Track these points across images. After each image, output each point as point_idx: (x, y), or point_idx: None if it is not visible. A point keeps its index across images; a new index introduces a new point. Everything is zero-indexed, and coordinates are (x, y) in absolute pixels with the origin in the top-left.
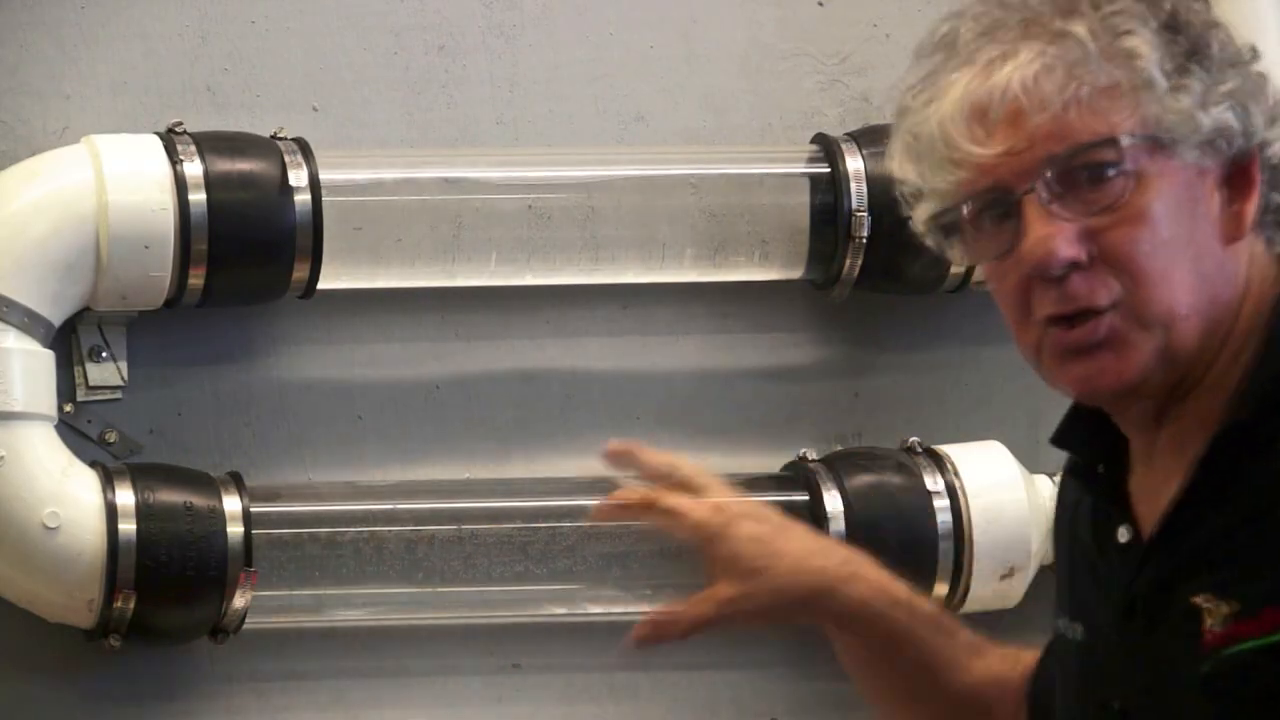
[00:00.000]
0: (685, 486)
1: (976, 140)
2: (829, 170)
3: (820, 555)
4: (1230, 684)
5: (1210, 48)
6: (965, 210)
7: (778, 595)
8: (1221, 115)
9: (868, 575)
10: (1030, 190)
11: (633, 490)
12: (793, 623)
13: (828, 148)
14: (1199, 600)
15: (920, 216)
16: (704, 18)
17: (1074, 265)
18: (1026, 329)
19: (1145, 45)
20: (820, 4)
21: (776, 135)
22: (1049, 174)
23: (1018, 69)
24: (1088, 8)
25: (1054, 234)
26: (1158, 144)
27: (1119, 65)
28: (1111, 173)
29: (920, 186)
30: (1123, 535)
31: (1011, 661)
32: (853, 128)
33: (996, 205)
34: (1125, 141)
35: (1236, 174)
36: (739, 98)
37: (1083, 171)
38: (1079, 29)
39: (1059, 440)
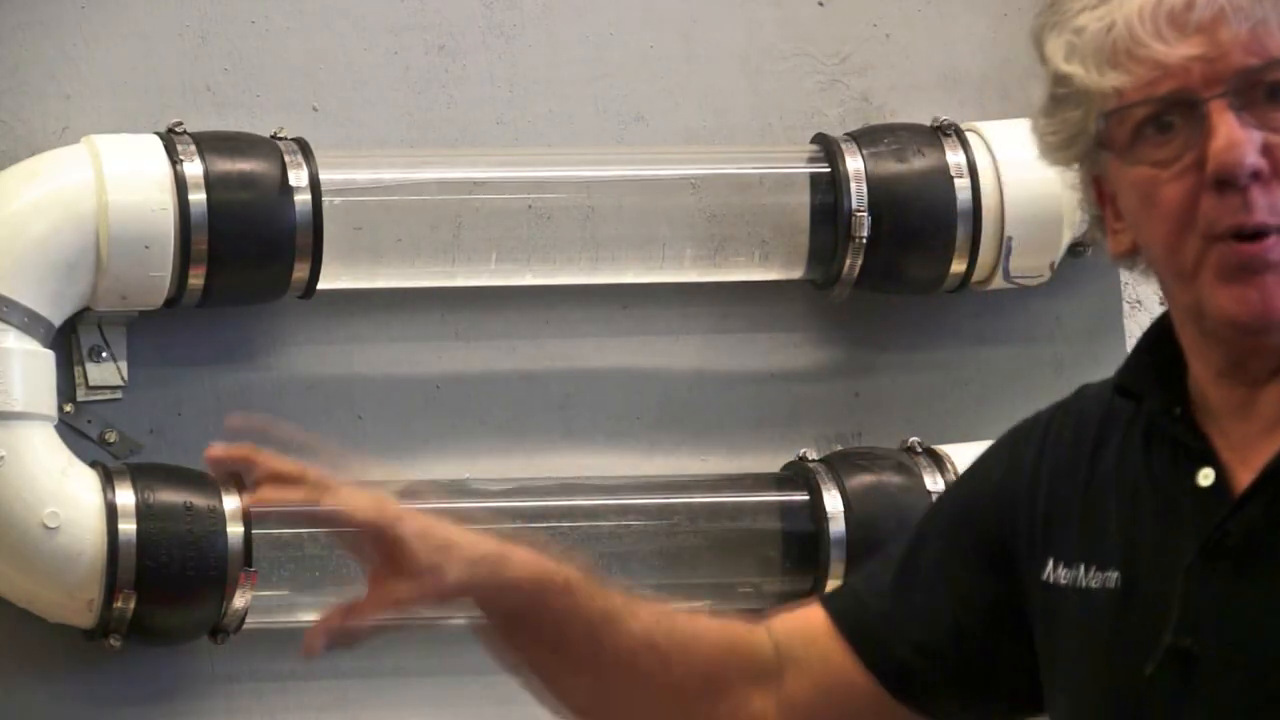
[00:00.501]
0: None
1: (1168, 41)
2: (829, 170)
3: (478, 542)
4: None
5: None
6: (1137, 112)
7: (458, 586)
8: None
9: (522, 551)
10: (1223, 94)
11: (287, 466)
12: (468, 600)
13: (828, 148)
14: None
15: (1071, 119)
16: (704, 18)
17: (1256, 176)
18: (1184, 243)
19: None
20: (820, 4)
21: (776, 135)
22: (1239, 83)
23: None
24: None
25: (1244, 139)
26: None
27: None
28: None
29: (1079, 87)
30: (1204, 478)
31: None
32: (853, 128)
33: (1176, 109)
34: None
35: None
36: (739, 98)
37: (1269, 87)
38: None
39: (1126, 386)
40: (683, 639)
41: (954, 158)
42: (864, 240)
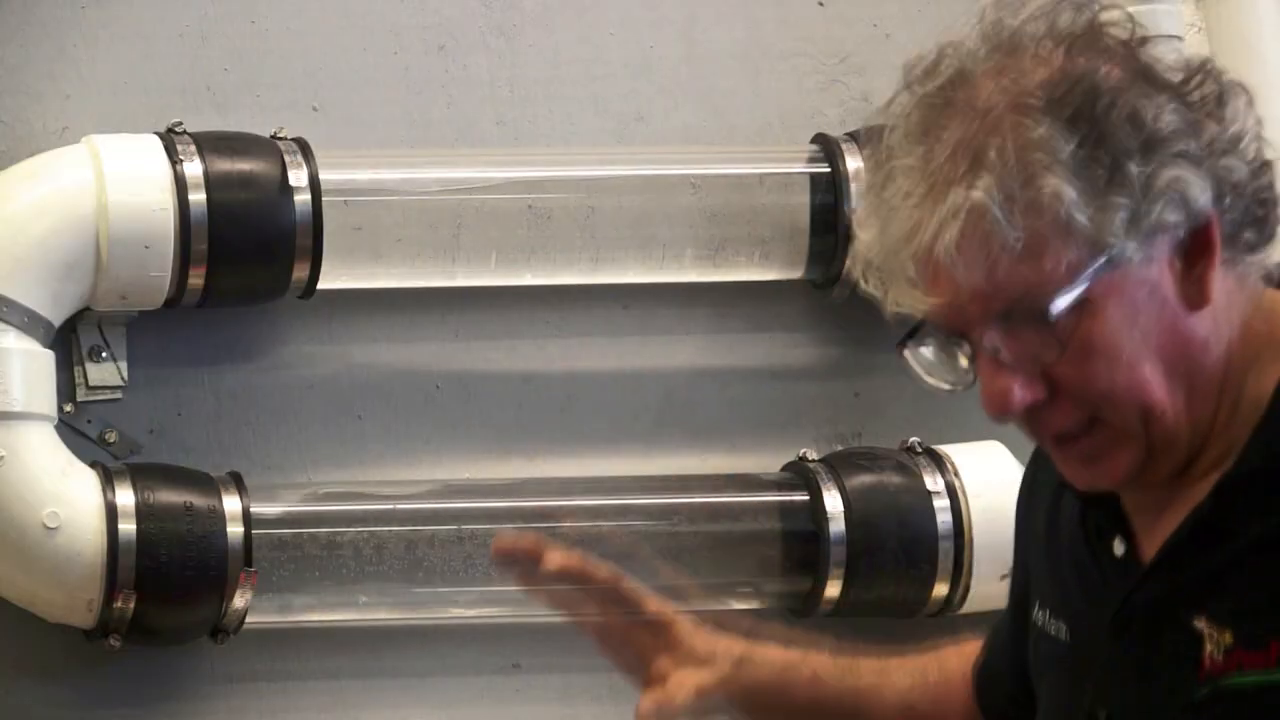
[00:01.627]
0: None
1: (918, 285)
2: (829, 170)
3: (731, 642)
4: (1225, 713)
5: (1133, 154)
6: (929, 335)
7: (734, 678)
8: (1159, 217)
9: (768, 649)
10: (976, 339)
11: (573, 559)
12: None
13: (828, 148)
14: (1201, 625)
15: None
16: (704, 18)
17: (1035, 404)
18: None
19: (1062, 184)
20: (820, 4)
21: (776, 135)
22: (991, 327)
23: (937, 237)
24: (998, 147)
25: (1008, 384)
26: (1092, 276)
27: (1038, 216)
28: (1047, 324)
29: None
30: (1118, 548)
31: (932, 665)
32: (853, 128)
33: (953, 342)
34: (1055, 306)
35: (1193, 245)
36: (739, 98)
37: (1024, 320)
38: (984, 193)
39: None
40: (936, 695)
41: None
42: None
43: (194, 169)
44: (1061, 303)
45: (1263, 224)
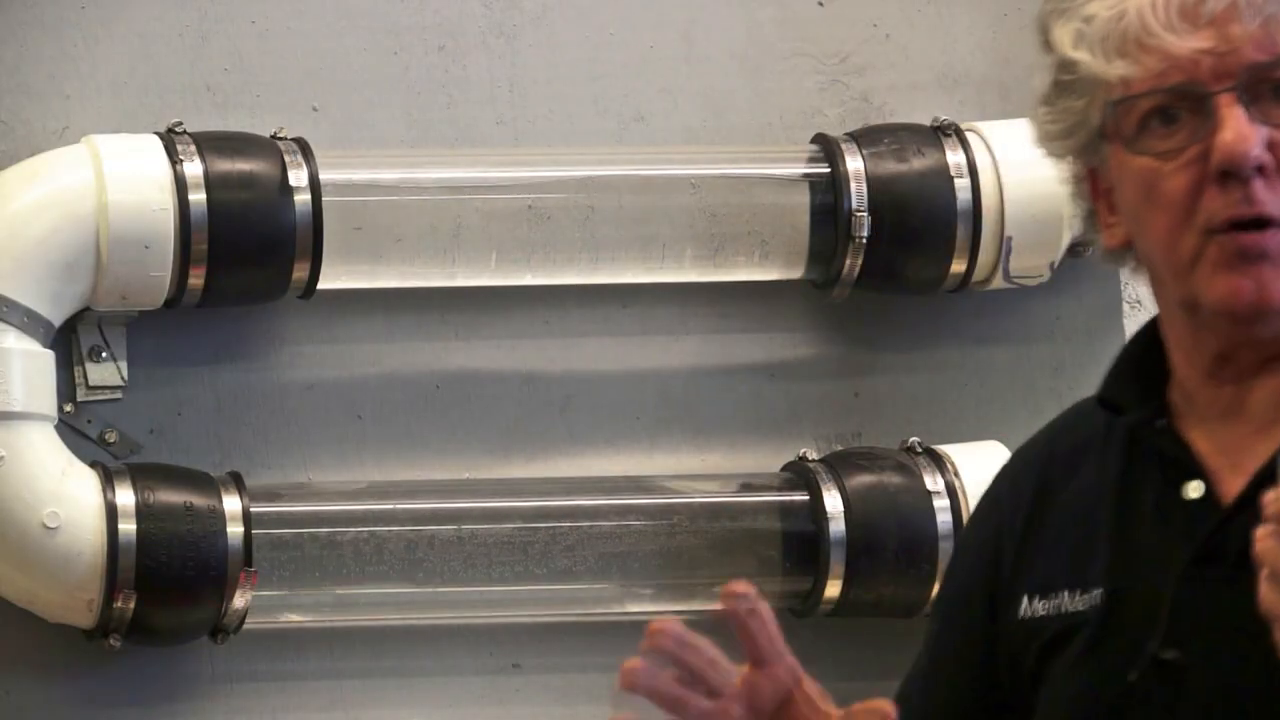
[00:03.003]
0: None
1: (1178, 33)
2: (829, 170)
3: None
4: None
5: None
6: (1145, 102)
7: None
8: None
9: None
10: (1231, 89)
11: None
12: None
13: (828, 148)
14: None
15: (1073, 108)
16: (704, 18)
17: (1260, 170)
18: (1183, 236)
19: None
20: (820, 4)
21: (776, 135)
22: (1248, 79)
23: None
24: None
25: (1250, 132)
26: None
27: None
28: None
29: (1085, 74)
30: (1193, 490)
31: None
32: (853, 128)
33: (1183, 102)
34: None
35: None
36: (739, 98)
37: (1276, 84)
38: None
39: (1107, 398)
40: None
41: (954, 158)
42: (864, 240)
43: (194, 169)
44: None
45: None
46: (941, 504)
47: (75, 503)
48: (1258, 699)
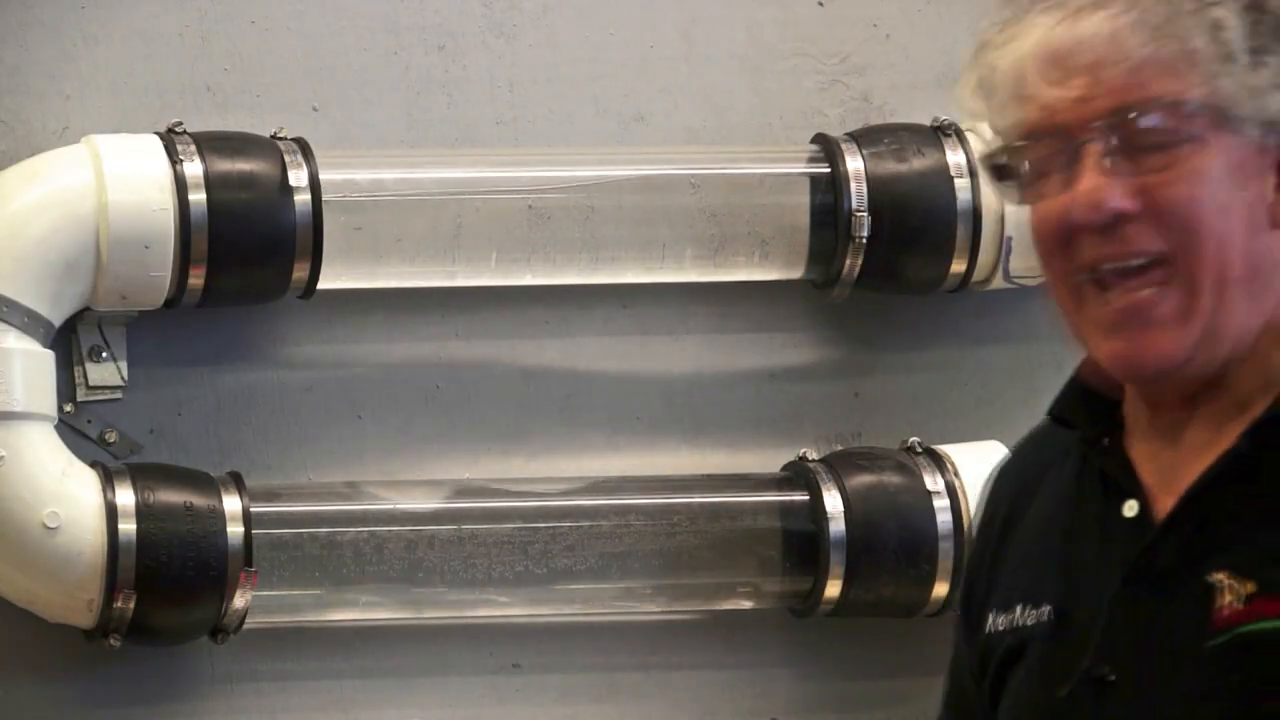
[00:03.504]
0: None
1: (1050, 82)
2: (829, 170)
3: None
4: (1243, 659)
5: None
6: (1025, 149)
7: None
8: None
9: None
10: (1093, 139)
11: None
12: None
13: (828, 148)
14: (1217, 578)
15: (981, 152)
16: (704, 18)
17: (1123, 216)
18: (1064, 281)
19: (1232, 17)
20: (820, 4)
21: (776, 135)
22: (1112, 126)
23: (1108, 20)
24: None
25: (1106, 185)
26: (1224, 116)
27: (1203, 33)
28: (1172, 135)
29: (987, 122)
30: (1130, 510)
31: None
32: (853, 128)
33: (1057, 149)
34: (1193, 106)
35: None
36: (739, 98)
37: (1146, 129)
38: None
39: (1059, 413)
40: None
41: (954, 157)
42: (864, 240)
43: (194, 169)
44: (1191, 107)
45: None
46: (941, 504)
47: (75, 503)
48: (1183, 717)
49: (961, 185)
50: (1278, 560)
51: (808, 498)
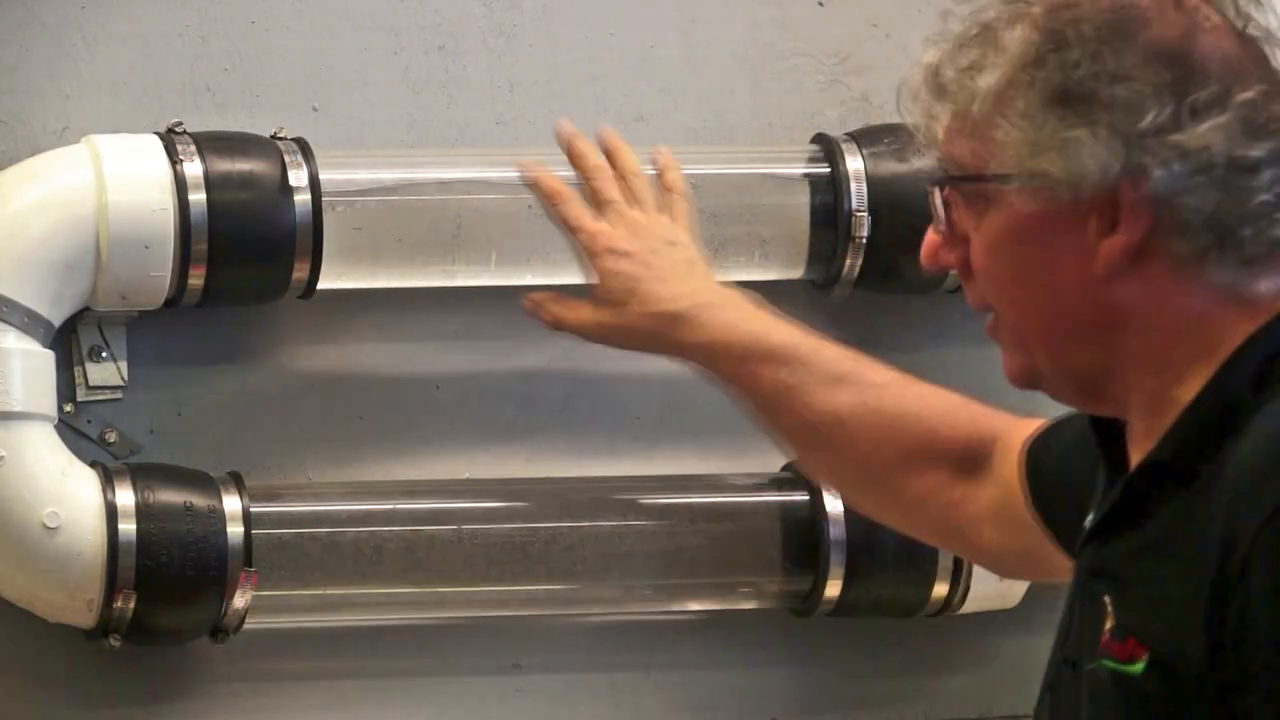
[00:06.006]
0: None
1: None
2: (829, 170)
3: (678, 292)
4: (1095, 689)
5: (1096, 93)
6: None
7: (629, 331)
8: (1093, 153)
9: (722, 309)
10: (932, 185)
11: (549, 179)
12: (654, 352)
13: (828, 148)
14: (1106, 600)
15: None
16: (704, 18)
17: (956, 268)
18: None
19: (1011, 88)
20: (820, 4)
21: (776, 135)
22: (936, 185)
23: (931, 71)
24: (1009, 39)
25: (931, 242)
26: (1024, 174)
27: (982, 100)
28: (972, 196)
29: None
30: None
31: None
32: (853, 128)
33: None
34: (988, 169)
35: (1110, 209)
36: (739, 98)
37: (955, 183)
38: (993, 75)
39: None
40: (893, 414)
41: None
42: (864, 240)
43: (194, 169)
44: (990, 177)
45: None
46: None
47: (75, 503)
48: (1106, 712)
49: None
50: (1126, 605)
51: (808, 498)
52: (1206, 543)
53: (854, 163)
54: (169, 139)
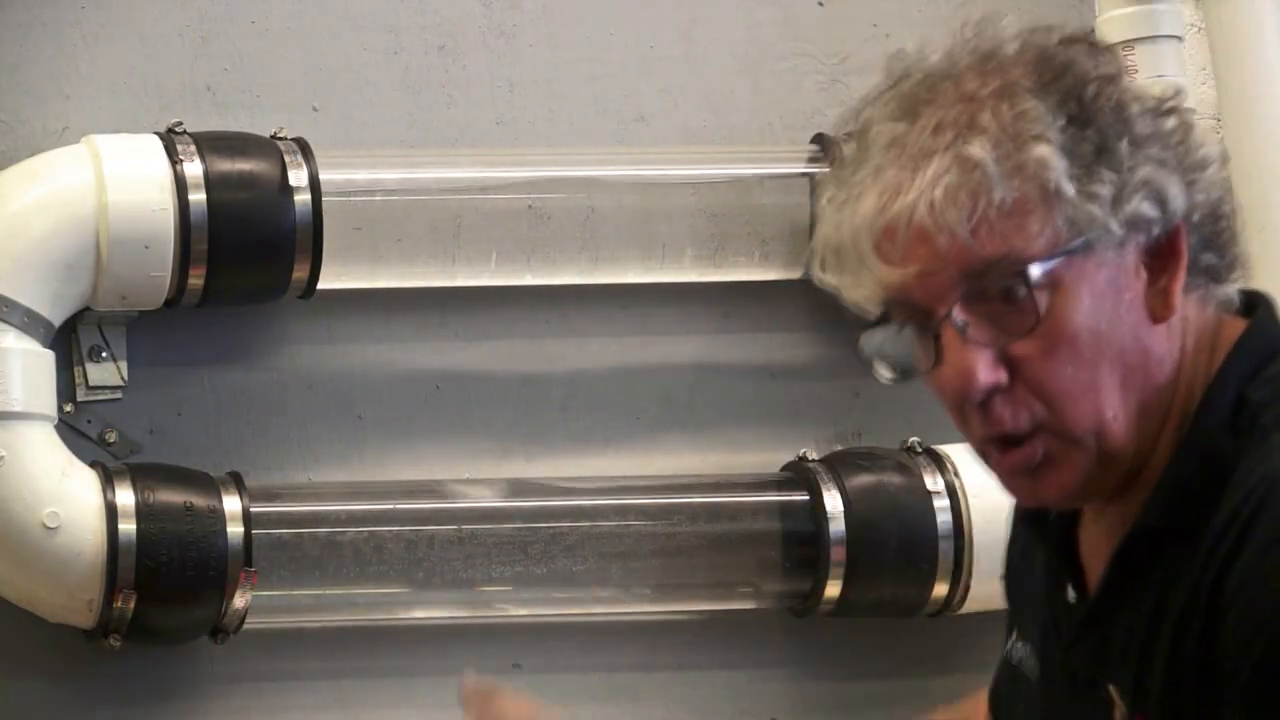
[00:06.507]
0: None
1: (889, 260)
2: (829, 170)
3: None
4: None
5: (1121, 137)
6: (892, 313)
7: None
8: (1137, 208)
9: None
10: (946, 316)
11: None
12: None
13: (828, 148)
14: (1112, 690)
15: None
16: (704, 18)
17: (995, 388)
18: (969, 433)
19: (1052, 153)
20: (820, 4)
21: (776, 135)
22: (962, 297)
23: (921, 194)
24: (990, 115)
25: (972, 362)
26: (1070, 253)
27: (1026, 179)
28: (1023, 292)
29: (843, 295)
30: (1071, 595)
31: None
32: (852, 128)
33: (916, 323)
34: (1034, 270)
35: (1161, 252)
36: (739, 98)
37: (995, 292)
38: (979, 148)
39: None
40: None
41: None
42: None
43: (194, 169)
44: (1039, 269)
45: (1223, 252)
46: (941, 504)
47: (75, 503)
48: None
49: None
50: (1140, 678)
51: (808, 498)
52: (1195, 594)
53: None
54: (169, 139)
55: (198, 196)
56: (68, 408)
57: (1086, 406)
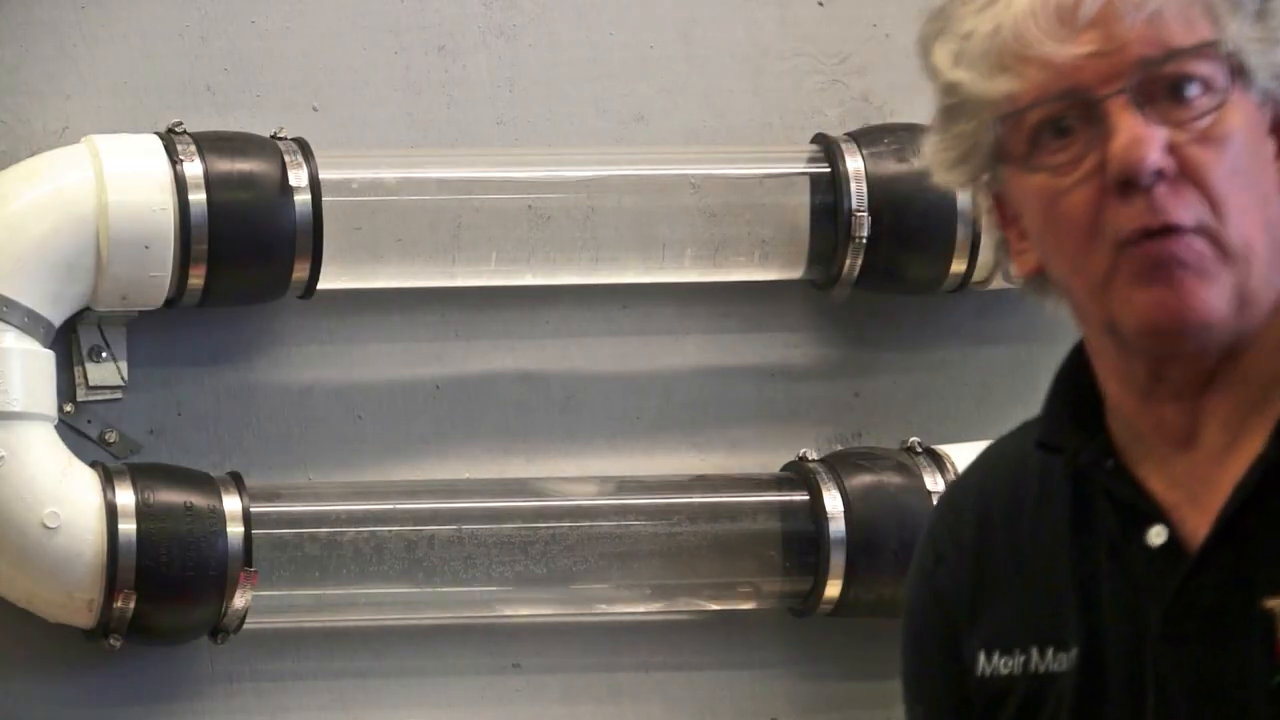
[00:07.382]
0: None
1: (1058, 39)
2: (829, 170)
3: None
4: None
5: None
6: (1032, 115)
7: None
8: None
9: None
10: (1122, 91)
11: None
12: None
13: (828, 148)
14: (1274, 604)
15: (963, 132)
16: (704, 18)
17: (1161, 175)
18: (1092, 253)
19: None
20: (820, 4)
21: (776, 135)
22: (1139, 77)
23: None
24: None
25: (1148, 136)
26: (1241, 68)
27: None
28: (1196, 90)
29: (969, 95)
30: (1156, 536)
31: None
32: (853, 128)
33: (1073, 110)
34: (1222, 50)
35: None
36: (739, 98)
37: (1170, 81)
38: None
39: (1046, 441)
40: None
41: None
42: (864, 240)
43: (194, 169)
44: (1218, 68)
45: None
46: None
47: (75, 503)
48: None
49: None
50: None
51: (808, 498)
52: None
53: (854, 163)
54: (169, 139)
55: (198, 196)
56: (68, 408)
57: (1241, 221)
